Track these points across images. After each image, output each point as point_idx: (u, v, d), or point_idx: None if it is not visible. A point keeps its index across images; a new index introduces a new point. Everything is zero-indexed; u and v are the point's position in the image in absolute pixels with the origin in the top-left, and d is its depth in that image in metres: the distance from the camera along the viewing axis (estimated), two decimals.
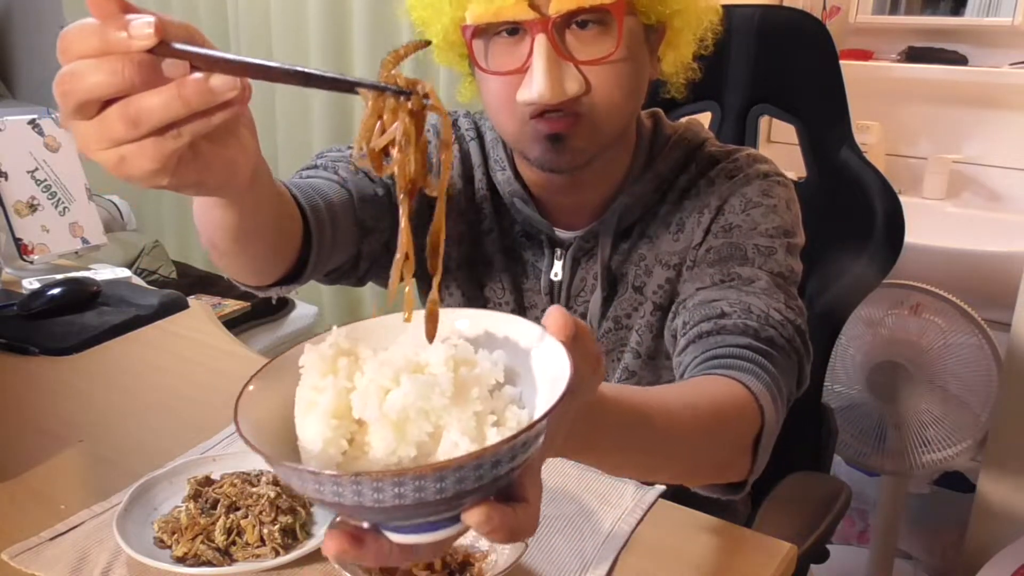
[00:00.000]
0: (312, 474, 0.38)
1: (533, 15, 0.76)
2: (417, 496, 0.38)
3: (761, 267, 0.82)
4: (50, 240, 1.45)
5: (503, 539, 0.42)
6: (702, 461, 0.69)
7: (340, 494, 0.38)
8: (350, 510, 0.40)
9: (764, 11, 1.19)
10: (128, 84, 0.41)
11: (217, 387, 1.03)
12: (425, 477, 0.37)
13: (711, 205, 0.88)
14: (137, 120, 0.42)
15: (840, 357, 1.72)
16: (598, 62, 0.78)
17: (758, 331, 0.76)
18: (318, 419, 0.43)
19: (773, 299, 0.79)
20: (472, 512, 0.40)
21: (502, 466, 0.39)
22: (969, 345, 1.61)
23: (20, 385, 1.04)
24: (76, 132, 0.45)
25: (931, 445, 1.68)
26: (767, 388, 0.71)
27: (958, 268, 1.72)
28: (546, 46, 0.76)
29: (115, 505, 0.75)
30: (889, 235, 1.15)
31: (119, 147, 0.44)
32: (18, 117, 1.47)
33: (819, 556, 1.04)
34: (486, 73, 0.82)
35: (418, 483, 0.37)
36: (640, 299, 0.92)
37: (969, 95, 2.01)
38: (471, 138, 0.97)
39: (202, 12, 2.24)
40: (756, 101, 1.23)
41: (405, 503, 0.38)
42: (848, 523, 2.06)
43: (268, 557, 0.68)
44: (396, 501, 0.38)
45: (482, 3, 0.77)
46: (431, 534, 0.43)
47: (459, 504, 0.40)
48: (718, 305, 0.80)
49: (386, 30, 1.86)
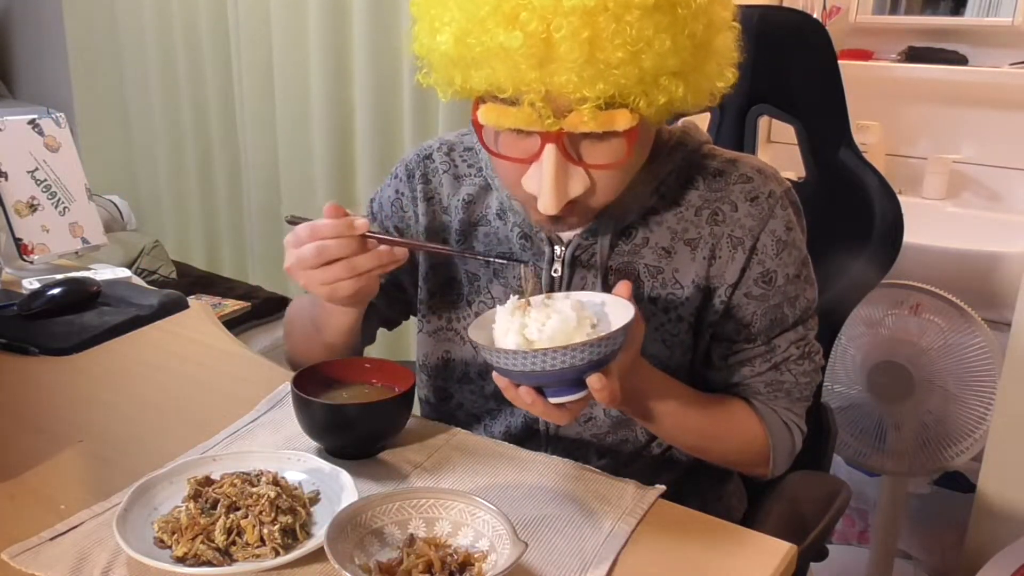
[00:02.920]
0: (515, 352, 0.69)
1: (547, 126, 0.75)
2: (568, 361, 0.68)
3: (795, 324, 0.94)
4: (50, 240, 1.45)
5: (606, 398, 0.72)
6: (713, 448, 0.95)
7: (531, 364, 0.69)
8: (529, 376, 0.70)
9: (764, 11, 1.19)
10: (351, 250, 0.83)
11: (217, 387, 1.03)
12: (575, 348, 0.68)
13: (744, 242, 0.90)
14: (354, 268, 0.83)
15: (840, 357, 1.72)
16: (606, 167, 0.79)
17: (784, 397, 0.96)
18: (512, 336, 0.73)
19: (800, 367, 0.95)
20: (593, 378, 0.70)
21: (609, 347, 0.70)
22: (969, 345, 1.61)
23: (20, 385, 1.04)
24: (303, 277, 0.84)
25: (931, 445, 1.68)
26: (781, 420, 0.95)
27: (958, 268, 1.72)
28: (556, 157, 0.76)
29: (115, 505, 0.75)
30: (889, 235, 1.16)
31: (335, 284, 0.83)
32: (18, 117, 1.47)
33: (819, 555, 1.04)
34: (493, 155, 0.83)
35: (570, 353, 0.68)
36: (653, 309, 0.93)
37: (969, 95, 2.01)
38: (444, 171, 1.02)
39: (202, 12, 2.24)
40: (755, 101, 1.23)
41: (562, 367, 0.68)
42: (848, 523, 2.06)
43: (268, 557, 0.68)
44: (555, 365, 0.68)
45: (495, 110, 0.77)
46: (569, 395, 0.72)
47: (586, 372, 0.70)
48: (754, 386, 0.95)
49: (386, 30, 1.86)
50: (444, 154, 1.03)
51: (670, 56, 0.72)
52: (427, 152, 1.04)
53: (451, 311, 1.02)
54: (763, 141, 2.08)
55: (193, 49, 2.31)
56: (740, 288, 0.91)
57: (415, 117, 1.85)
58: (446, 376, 1.04)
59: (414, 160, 1.04)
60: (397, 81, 1.88)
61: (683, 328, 0.93)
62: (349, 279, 0.83)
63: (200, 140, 2.40)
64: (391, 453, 0.87)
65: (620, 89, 0.72)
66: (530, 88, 0.72)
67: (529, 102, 0.73)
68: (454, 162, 1.02)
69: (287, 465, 0.81)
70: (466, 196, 1.00)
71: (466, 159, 1.02)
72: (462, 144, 1.03)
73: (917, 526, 1.99)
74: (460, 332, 1.02)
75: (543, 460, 0.87)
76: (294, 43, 2.03)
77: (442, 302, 1.03)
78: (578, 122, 0.74)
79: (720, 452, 0.95)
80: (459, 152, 1.03)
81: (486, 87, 0.75)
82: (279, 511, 0.72)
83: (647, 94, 0.74)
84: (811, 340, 0.96)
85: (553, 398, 0.72)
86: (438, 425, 0.93)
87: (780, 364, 0.94)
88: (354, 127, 2.00)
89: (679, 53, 0.73)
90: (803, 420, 0.98)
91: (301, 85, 2.05)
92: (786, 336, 0.94)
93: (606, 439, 0.97)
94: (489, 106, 0.77)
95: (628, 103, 0.74)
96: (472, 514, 0.71)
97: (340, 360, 0.93)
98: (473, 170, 1.01)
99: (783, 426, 0.95)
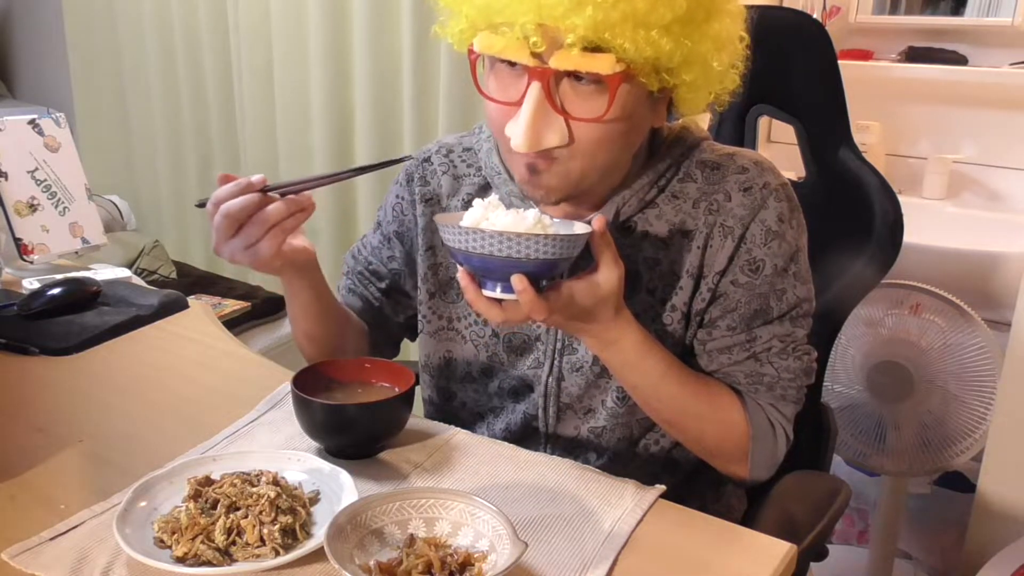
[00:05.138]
0: (459, 228, 0.74)
1: (534, 62, 0.77)
2: (502, 249, 0.72)
3: (780, 317, 0.92)
4: (50, 240, 1.45)
5: (527, 306, 0.74)
6: (690, 426, 0.92)
7: (468, 241, 0.73)
8: (469, 258, 0.74)
9: (763, 11, 1.18)
10: (256, 206, 0.84)
11: (217, 387, 1.03)
12: (509, 236, 0.72)
13: (734, 231, 0.90)
14: (265, 222, 0.84)
15: (840, 357, 1.72)
16: (586, 120, 0.80)
17: (767, 392, 0.94)
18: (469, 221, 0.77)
19: (782, 362, 0.93)
20: (515, 278, 0.73)
21: (547, 249, 0.73)
22: (969, 345, 1.61)
23: (20, 385, 1.04)
24: (226, 251, 0.86)
25: (931, 445, 1.68)
26: (766, 418, 0.93)
27: (958, 268, 1.72)
28: (537, 96, 0.78)
29: (115, 505, 0.75)
30: (888, 235, 1.15)
31: (254, 246, 0.85)
32: (18, 117, 1.47)
33: (819, 554, 1.04)
34: (483, 96, 0.84)
35: (505, 240, 0.72)
36: (651, 300, 0.93)
37: (969, 95, 2.01)
38: (443, 172, 1.03)
39: (202, 12, 2.24)
40: (755, 101, 1.23)
41: (492, 253, 0.73)
42: (848, 523, 2.06)
43: (268, 557, 0.68)
44: (488, 249, 0.72)
45: (489, 36, 0.79)
46: (499, 292, 0.75)
47: (521, 270, 0.73)
48: (734, 376, 0.93)
49: (386, 30, 1.86)
50: (443, 156, 1.04)
51: (662, 3, 0.74)
52: (425, 155, 1.05)
53: (451, 311, 1.02)
54: (763, 141, 2.08)
55: (193, 49, 2.31)
56: (727, 275, 0.91)
57: (415, 117, 1.85)
58: (448, 376, 1.05)
59: (412, 164, 1.06)
60: (397, 81, 1.88)
61: (676, 317, 0.93)
62: (265, 237, 0.85)
63: (200, 140, 2.40)
64: (391, 453, 0.87)
65: (609, 23, 0.74)
66: (523, 11, 0.75)
67: (521, 29, 0.75)
68: (453, 163, 1.03)
69: (287, 465, 0.81)
70: (466, 196, 1.00)
71: (465, 159, 1.03)
72: (461, 145, 1.04)
73: (917, 526, 1.99)
74: (461, 331, 1.02)
75: (543, 460, 0.87)
76: (294, 43, 2.03)
77: (442, 302, 1.03)
78: (564, 59, 0.76)
79: (696, 432, 0.93)
80: (458, 153, 1.03)
81: (484, 13, 0.78)
82: (279, 511, 0.72)
83: (634, 40, 0.75)
84: (800, 339, 0.94)
85: (486, 290, 0.76)
86: (438, 425, 0.94)
87: (760, 354, 0.92)
88: (354, 127, 2.00)
89: (671, 6, 0.75)
90: (791, 425, 0.95)
91: (301, 85, 2.05)
92: (768, 328, 0.92)
93: (606, 439, 0.97)
94: (485, 33, 0.80)
95: (614, 47, 0.75)
96: (472, 514, 0.71)
97: (340, 360, 0.93)
98: (472, 169, 1.01)
99: (767, 424, 0.93)
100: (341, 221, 2.09)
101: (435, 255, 1.03)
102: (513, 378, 1.00)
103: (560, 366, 0.97)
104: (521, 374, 0.99)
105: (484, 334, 1.00)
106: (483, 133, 1.02)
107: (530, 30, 0.75)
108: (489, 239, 0.72)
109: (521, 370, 0.99)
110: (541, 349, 0.97)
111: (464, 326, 1.02)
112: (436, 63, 1.78)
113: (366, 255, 1.10)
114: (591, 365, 0.95)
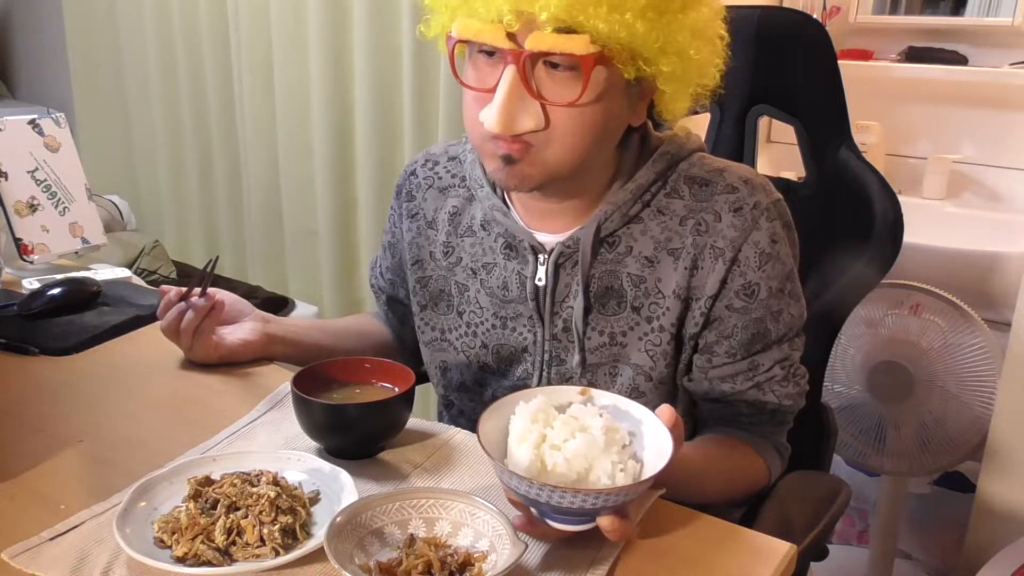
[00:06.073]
0: (524, 479, 0.65)
1: (510, 45, 0.78)
2: (576, 504, 0.65)
3: (779, 340, 0.92)
4: (50, 240, 1.45)
5: (616, 539, 0.69)
6: (724, 496, 0.94)
7: (536, 493, 0.65)
8: (534, 503, 0.67)
9: (763, 12, 1.19)
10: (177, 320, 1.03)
11: (217, 387, 1.03)
12: (588, 494, 0.65)
13: (725, 253, 0.89)
14: (186, 331, 1.02)
15: (840, 357, 1.72)
16: (560, 105, 0.80)
17: (769, 421, 0.96)
18: (527, 448, 0.69)
19: (783, 389, 0.94)
20: (604, 519, 0.66)
21: (623, 498, 0.66)
22: (969, 345, 1.61)
23: (20, 385, 1.04)
24: (184, 348, 1.05)
25: (931, 445, 1.68)
26: (775, 450, 0.97)
27: (958, 268, 1.72)
28: (512, 79, 0.79)
29: (115, 505, 0.75)
30: (888, 235, 1.15)
31: (188, 350, 1.04)
32: (18, 117, 1.47)
33: (819, 554, 1.04)
34: (459, 83, 0.85)
35: (582, 497, 0.65)
36: (637, 318, 0.92)
37: (969, 95, 2.01)
38: (428, 186, 1.04)
39: (202, 12, 2.24)
40: (755, 102, 1.23)
41: (570, 507, 0.65)
42: (848, 523, 2.06)
43: (268, 557, 0.68)
44: (563, 503, 0.65)
45: (465, 21, 0.80)
46: (576, 526, 0.68)
47: (596, 513, 0.66)
48: (737, 406, 0.94)
49: (386, 30, 1.86)
50: (428, 169, 1.05)
51: None
52: (412, 168, 1.07)
53: (442, 322, 1.03)
54: (763, 141, 2.08)
55: (193, 49, 2.31)
56: (721, 300, 0.90)
57: (415, 117, 1.85)
58: (446, 385, 1.05)
59: (402, 176, 1.07)
60: (397, 81, 1.88)
61: (665, 338, 0.92)
62: (194, 343, 1.03)
63: (200, 140, 2.40)
64: (391, 453, 0.87)
65: (582, 3, 0.75)
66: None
67: (496, 11, 0.76)
68: (438, 175, 1.04)
69: (287, 465, 0.81)
70: (451, 208, 1.01)
71: (450, 169, 1.03)
72: (446, 154, 1.05)
73: (917, 526, 1.99)
74: (452, 343, 1.03)
75: None
76: (294, 43, 2.03)
77: (433, 314, 1.04)
78: (539, 40, 0.77)
79: (729, 497, 0.96)
80: (443, 164, 1.04)
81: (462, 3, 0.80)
82: (279, 511, 0.72)
83: (608, 21, 0.75)
84: (795, 361, 0.95)
85: (557, 524, 0.69)
86: (438, 425, 0.94)
87: (763, 384, 0.93)
88: (354, 127, 2.00)
89: None
90: (784, 437, 1.00)
91: (301, 85, 2.05)
92: (769, 354, 0.92)
93: None
94: (461, 18, 0.80)
95: (588, 28, 0.76)
96: (472, 514, 0.71)
97: (340, 360, 0.93)
98: (457, 180, 1.02)
99: (776, 454, 0.98)
100: (341, 221, 2.09)
101: (423, 268, 1.03)
102: (505, 388, 1.00)
103: (549, 377, 0.97)
104: (512, 384, 1.00)
105: (474, 345, 1.01)
106: (468, 144, 1.01)
107: (505, 11, 0.76)
108: (562, 496, 0.64)
109: (512, 380, 1.00)
110: (529, 360, 0.98)
111: (455, 337, 1.02)
112: (436, 63, 1.78)
113: (379, 271, 1.17)
114: (580, 376, 0.95)
